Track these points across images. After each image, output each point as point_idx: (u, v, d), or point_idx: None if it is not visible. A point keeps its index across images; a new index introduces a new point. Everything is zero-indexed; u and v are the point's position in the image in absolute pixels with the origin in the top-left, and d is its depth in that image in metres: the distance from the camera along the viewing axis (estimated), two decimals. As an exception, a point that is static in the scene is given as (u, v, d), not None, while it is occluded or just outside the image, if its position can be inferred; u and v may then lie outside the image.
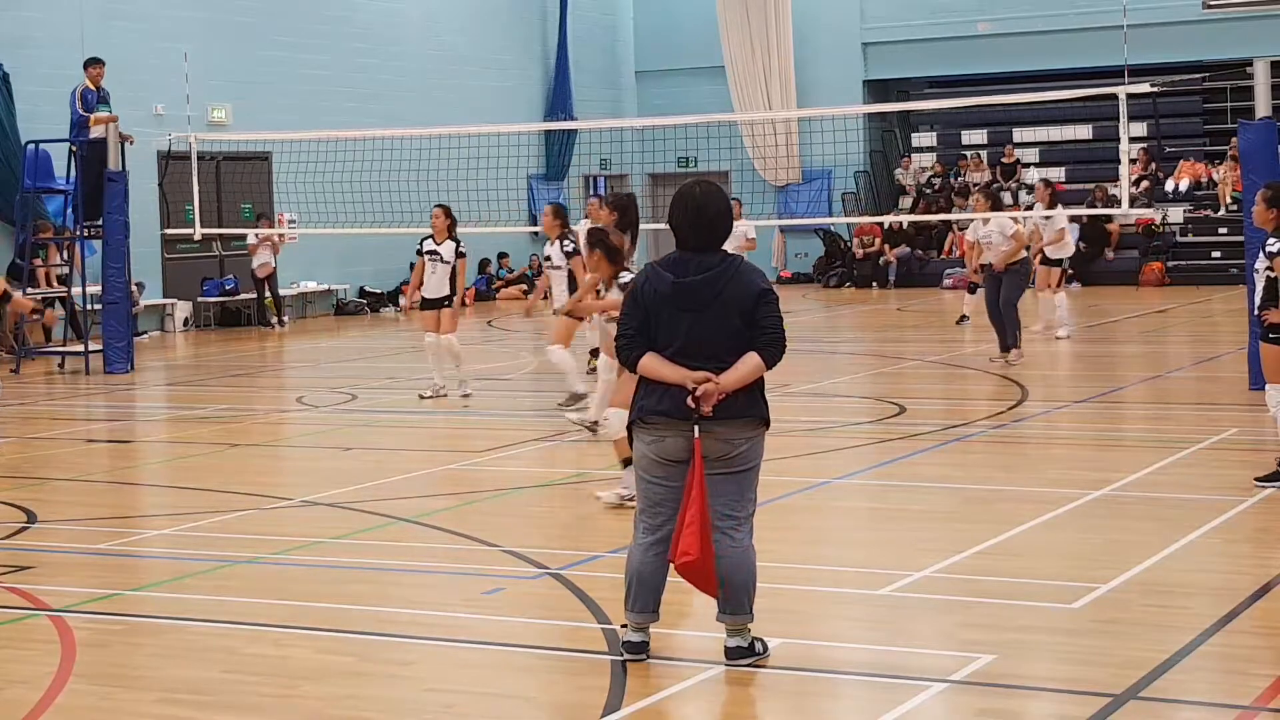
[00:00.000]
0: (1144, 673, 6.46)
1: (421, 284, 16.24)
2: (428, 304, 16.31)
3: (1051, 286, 20.83)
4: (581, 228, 27.63)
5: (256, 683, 6.74)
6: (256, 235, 25.81)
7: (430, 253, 16.14)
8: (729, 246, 6.92)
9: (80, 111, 20.06)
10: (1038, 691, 6.26)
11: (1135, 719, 6.02)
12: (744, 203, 24.95)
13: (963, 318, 22.41)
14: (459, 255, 16.14)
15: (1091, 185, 30.87)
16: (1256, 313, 10.55)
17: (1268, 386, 10.44)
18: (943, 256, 32.32)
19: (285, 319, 26.73)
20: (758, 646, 6.76)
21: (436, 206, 16.39)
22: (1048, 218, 20.53)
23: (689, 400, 6.54)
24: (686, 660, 6.83)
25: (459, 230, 16.29)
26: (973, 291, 22.01)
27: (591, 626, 7.39)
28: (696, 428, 6.57)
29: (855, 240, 33.19)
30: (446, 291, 16.15)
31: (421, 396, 16.05)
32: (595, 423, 13.01)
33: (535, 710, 6.46)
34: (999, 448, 12.54)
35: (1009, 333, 17.69)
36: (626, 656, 6.78)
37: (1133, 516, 9.70)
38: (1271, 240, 10.21)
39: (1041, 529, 9.31)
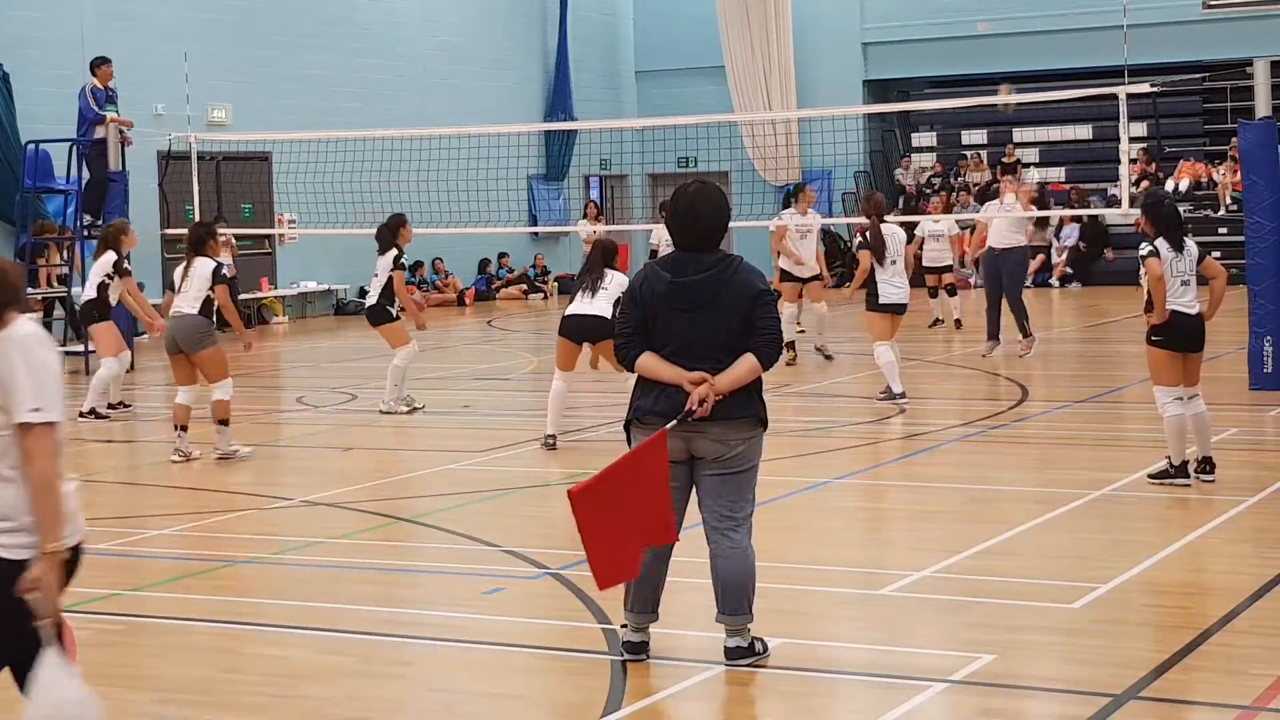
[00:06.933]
0: (1144, 673, 6.46)
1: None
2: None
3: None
4: (581, 227, 27.78)
5: (256, 683, 6.74)
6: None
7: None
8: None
9: (95, 110, 19.99)
10: (1038, 691, 6.26)
11: (1135, 719, 6.02)
12: (744, 203, 24.81)
13: (936, 320, 22.25)
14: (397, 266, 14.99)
15: (1095, 185, 30.84)
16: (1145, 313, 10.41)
17: (1156, 388, 10.39)
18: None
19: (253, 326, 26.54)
20: (758, 646, 6.75)
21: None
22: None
23: (686, 415, 6.49)
24: (686, 660, 6.83)
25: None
26: (952, 294, 21.97)
27: (591, 626, 7.39)
28: (673, 423, 6.52)
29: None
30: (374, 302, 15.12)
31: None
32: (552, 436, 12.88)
33: (535, 710, 6.46)
34: (999, 448, 12.53)
35: None
36: (626, 656, 6.78)
37: (1133, 516, 9.71)
38: (1143, 245, 10.37)
39: (1041, 529, 9.31)
